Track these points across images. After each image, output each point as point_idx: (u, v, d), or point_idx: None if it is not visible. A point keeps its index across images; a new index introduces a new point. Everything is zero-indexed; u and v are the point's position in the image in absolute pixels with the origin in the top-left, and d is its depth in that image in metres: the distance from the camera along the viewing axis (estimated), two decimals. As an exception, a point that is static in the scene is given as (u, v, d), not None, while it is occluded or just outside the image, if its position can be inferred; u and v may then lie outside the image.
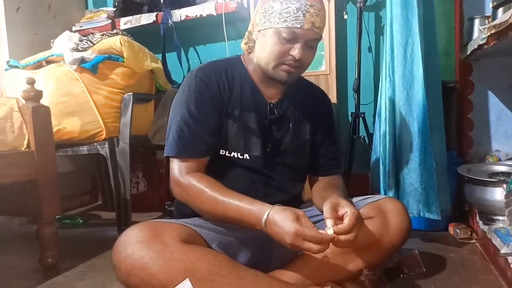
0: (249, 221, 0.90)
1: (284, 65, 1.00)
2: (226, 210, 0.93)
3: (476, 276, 1.20)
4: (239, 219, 0.92)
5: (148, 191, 2.33)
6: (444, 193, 1.47)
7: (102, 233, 1.88)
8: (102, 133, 1.80)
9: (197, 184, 0.97)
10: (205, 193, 0.96)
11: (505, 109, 1.78)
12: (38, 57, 1.89)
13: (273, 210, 0.88)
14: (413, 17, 1.40)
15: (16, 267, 1.44)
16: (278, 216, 0.86)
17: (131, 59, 1.81)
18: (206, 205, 0.96)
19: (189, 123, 1.02)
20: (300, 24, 0.95)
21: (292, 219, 0.84)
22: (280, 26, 0.96)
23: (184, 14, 2.17)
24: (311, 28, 0.96)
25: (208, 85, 1.04)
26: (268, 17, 0.98)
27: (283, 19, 0.95)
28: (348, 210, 0.88)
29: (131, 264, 0.84)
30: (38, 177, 1.33)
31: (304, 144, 1.16)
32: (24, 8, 2.15)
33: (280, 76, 1.02)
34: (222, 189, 0.96)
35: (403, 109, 1.43)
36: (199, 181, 0.98)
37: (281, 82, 1.05)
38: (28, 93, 1.36)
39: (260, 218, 0.88)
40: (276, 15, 0.96)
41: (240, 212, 0.91)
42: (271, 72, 1.02)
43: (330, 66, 2.03)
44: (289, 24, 0.95)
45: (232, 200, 0.93)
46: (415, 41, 1.40)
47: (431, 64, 1.48)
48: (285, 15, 0.95)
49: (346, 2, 2.01)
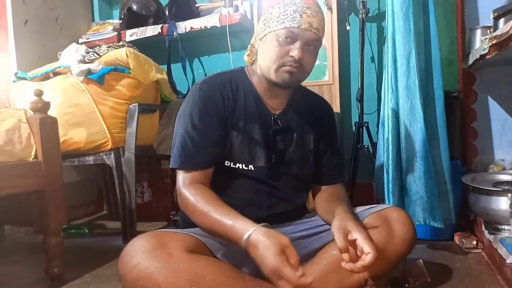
0: (231, 237, 0.89)
1: (285, 67, 1.01)
2: (214, 224, 0.92)
3: (483, 286, 1.19)
4: (223, 235, 0.91)
5: (153, 201, 2.33)
6: (446, 201, 1.47)
7: (108, 243, 1.88)
8: (108, 143, 1.81)
9: (191, 196, 0.98)
10: (198, 205, 0.96)
11: (509, 118, 1.78)
12: (46, 69, 1.93)
13: (256, 231, 0.84)
14: (416, 28, 1.41)
15: (22, 277, 1.45)
16: (262, 243, 0.82)
17: (137, 70, 1.83)
18: (198, 218, 0.97)
19: (193, 135, 1.03)
20: (297, 24, 0.97)
21: (274, 251, 0.79)
22: (278, 28, 0.99)
23: (189, 26, 2.21)
24: (309, 28, 0.98)
25: (212, 97, 1.05)
26: (267, 24, 1.02)
27: (281, 21, 0.99)
28: (358, 237, 0.87)
29: (136, 274, 0.84)
30: (45, 187, 1.34)
31: (308, 153, 1.16)
32: (32, 21, 2.19)
33: (282, 78, 1.02)
34: (214, 202, 0.96)
35: (407, 119, 1.44)
36: (195, 193, 0.98)
37: (284, 85, 1.05)
38: (36, 105, 1.38)
39: (241, 236, 0.85)
40: (275, 19, 1.00)
41: (223, 227, 0.90)
42: (273, 76, 1.03)
43: (333, 76, 2.05)
44: (287, 25, 0.98)
45: (219, 215, 0.92)
46: (418, 52, 1.41)
47: (434, 74, 1.50)
48: (282, 18, 0.99)
49: (349, 13, 2.03)
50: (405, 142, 1.44)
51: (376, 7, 2.03)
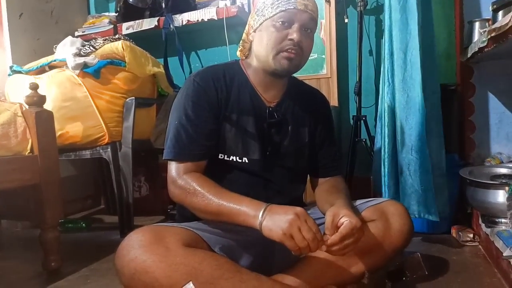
0: (245, 212, 0.90)
1: (283, 52, 1.01)
2: (221, 207, 0.93)
3: (479, 279, 1.19)
4: (234, 212, 0.92)
5: (150, 195, 2.33)
6: (442, 195, 1.47)
7: (105, 237, 1.88)
8: (104, 137, 1.80)
9: (192, 183, 0.98)
10: (199, 191, 0.96)
11: (507, 111, 1.79)
12: (41, 62, 1.91)
13: (270, 206, 0.90)
14: (413, 22, 1.41)
15: (19, 272, 1.44)
16: (279, 208, 0.88)
17: (133, 63, 1.82)
18: (200, 204, 0.96)
19: (186, 127, 1.03)
20: (293, 5, 0.98)
21: (293, 211, 0.86)
22: (274, 13, 0.99)
23: (186, 19, 2.19)
24: (304, 9, 0.98)
25: (205, 89, 1.05)
26: (261, 13, 1.02)
27: (276, 6, 0.99)
28: (346, 221, 0.88)
29: (134, 268, 0.84)
30: (41, 182, 1.34)
31: (303, 146, 1.16)
32: (27, 14, 2.17)
33: (281, 65, 1.02)
34: (215, 187, 0.98)
35: (404, 112, 1.44)
36: (196, 180, 0.99)
37: (284, 72, 1.05)
38: (31, 98, 1.37)
39: (259, 207, 0.89)
40: (269, 7, 1.00)
41: (236, 204, 0.92)
42: (272, 63, 1.03)
43: (331, 69, 2.04)
44: (282, 8, 0.98)
45: (228, 196, 0.94)
46: (415, 46, 1.40)
47: (430, 68, 1.49)
48: (276, 3, 0.99)
49: (347, 6, 2.02)
50: (401, 135, 1.44)
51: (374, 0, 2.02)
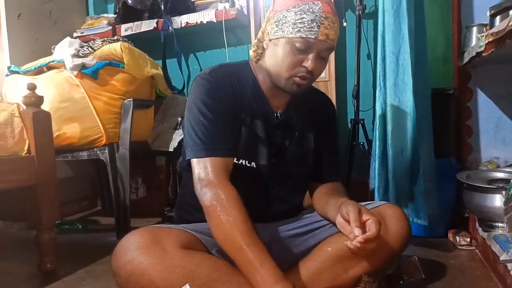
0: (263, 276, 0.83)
1: (296, 78, 0.99)
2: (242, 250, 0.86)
3: (476, 283, 1.20)
4: (251, 265, 0.85)
5: (147, 196, 2.32)
6: (431, 199, 1.47)
7: (101, 239, 1.87)
8: (102, 138, 1.80)
9: (227, 203, 0.90)
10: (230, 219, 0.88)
11: (504, 116, 1.79)
12: (39, 63, 1.90)
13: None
14: (405, 26, 1.41)
15: (14, 273, 1.43)
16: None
17: (132, 65, 1.81)
18: (223, 229, 0.89)
19: (214, 122, 0.99)
20: (314, 35, 0.94)
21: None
22: (293, 36, 0.94)
23: (185, 21, 2.19)
24: (325, 39, 0.95)
25: (221, 85, 1.03)
26: (281, 27, 0.96)
27: (297, 29, 0.94)
28: (370, 218, 0.89)
29: (130, 270, 0.84)
30: (38, 183, 1.33)
31: (309, 153, 1.15)
32: (25, 15, 2.16)
33: (291, 88, 1.01)
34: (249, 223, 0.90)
35: (394, 116, 1.44)
36: (231, 201, 0.91)
37: (292, 93, 1.04)
38: (29, 99, 1.36)
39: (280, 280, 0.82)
40: (290, 25, 0.95)
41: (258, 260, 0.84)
42: (282, 84, 1.01)
43: (330, 72, 2.04)
44: (303, 35, 0.93)
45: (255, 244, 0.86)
46: (407, 50, 1.40)
47: (421, 72, 1.49)
48: (299, 25, 0.93)
49: (345, 10, 2.02)
50: (392, 139, 1.44)
51: (373, 4, 2.03)
